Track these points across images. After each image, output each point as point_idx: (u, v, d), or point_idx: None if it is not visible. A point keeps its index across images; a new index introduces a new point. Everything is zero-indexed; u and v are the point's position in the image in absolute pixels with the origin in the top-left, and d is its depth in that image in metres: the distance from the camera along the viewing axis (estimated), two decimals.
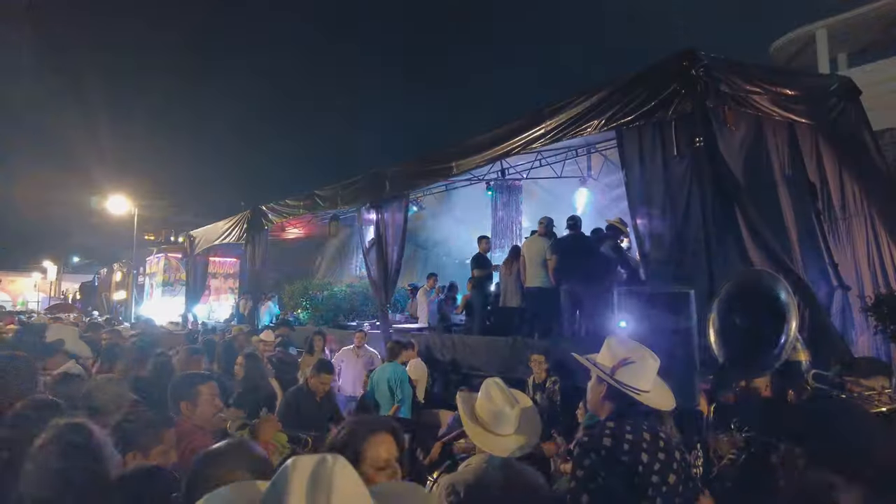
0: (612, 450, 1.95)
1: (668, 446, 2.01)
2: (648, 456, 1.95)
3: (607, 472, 1.93)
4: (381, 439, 1.73)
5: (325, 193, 10.60)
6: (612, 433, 2.01)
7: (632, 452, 1.95)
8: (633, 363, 2.12)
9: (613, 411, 2.12)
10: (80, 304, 31.84)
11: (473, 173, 9.30)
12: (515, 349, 6.77)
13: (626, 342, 2.26)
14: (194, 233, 16.15)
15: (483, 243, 9.14)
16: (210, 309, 18.08)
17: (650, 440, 1.99)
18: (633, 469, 1.93)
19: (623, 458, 1.93)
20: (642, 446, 1.97)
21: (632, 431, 2.00)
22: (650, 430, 2.04)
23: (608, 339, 2.23)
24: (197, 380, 3.06)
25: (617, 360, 2.16)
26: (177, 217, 39.15)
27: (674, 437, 2.14)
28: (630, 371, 2.11)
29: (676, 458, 2.01)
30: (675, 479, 1.97)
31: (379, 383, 6.23)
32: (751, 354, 2.74)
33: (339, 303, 12.28)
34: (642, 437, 1.99)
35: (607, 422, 2.08)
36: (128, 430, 2.05)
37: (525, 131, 6.65)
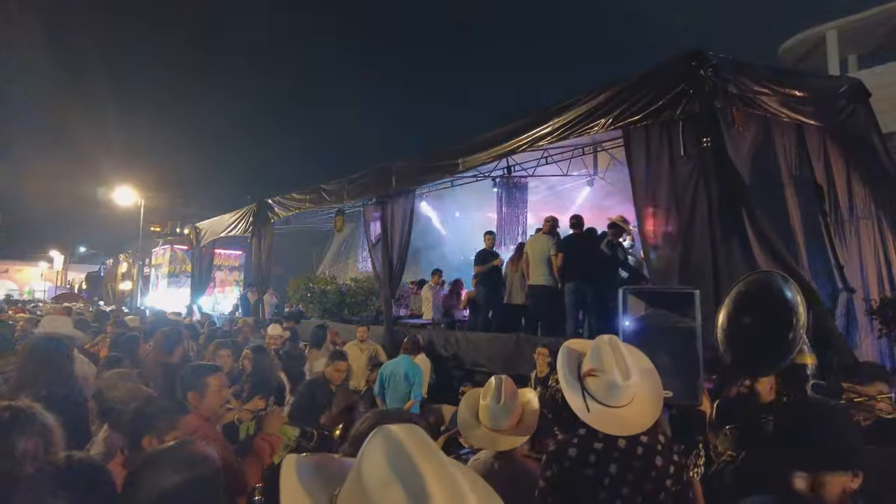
0: (577, 461, 1.92)
1: (646, 453, 1.95)
2: (619, 467, 1.90)
3: (568, 485, 1.89)
4: None
5: (331, 188, 10.64)
6: (578, 443, 1.97)
7: (598, 465, 1.90)
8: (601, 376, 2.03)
9: None
10: (87, 294, 32.02)
11: (479, 170, 9.30)
12: (519, 346, 6.80)
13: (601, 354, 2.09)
14: (200, 225, 16.23)
15: (487, 239, 9.15)
16: (215, 301, 18.20)
17: (624, 448, 1.93)
18: (599, 481, 1.88)
19: (587, 472, 1.89)
20: (613, 455, 1.92)
21: (604, 439, 1.95)
22: (629, 437, 1.97)
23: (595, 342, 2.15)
24: (205, 371, 3.09)
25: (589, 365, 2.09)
26: (183, 209, 39.27)
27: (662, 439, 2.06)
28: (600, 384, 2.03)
29: (657, 466, 1.95)
30: (653, 489, 1.92)
31: (393, 377, 6.20)
32: (757, 353, 2.75)
33: (343, 297, 12.33)
34: (616, 445, 1.94)
35: (579, 428, 2.03)
36: (145, 414, 2.08)
37: (532, 129, 6.65)
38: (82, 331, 6.02)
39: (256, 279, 13.26)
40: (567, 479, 1.90)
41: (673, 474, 1.99)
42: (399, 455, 0.92)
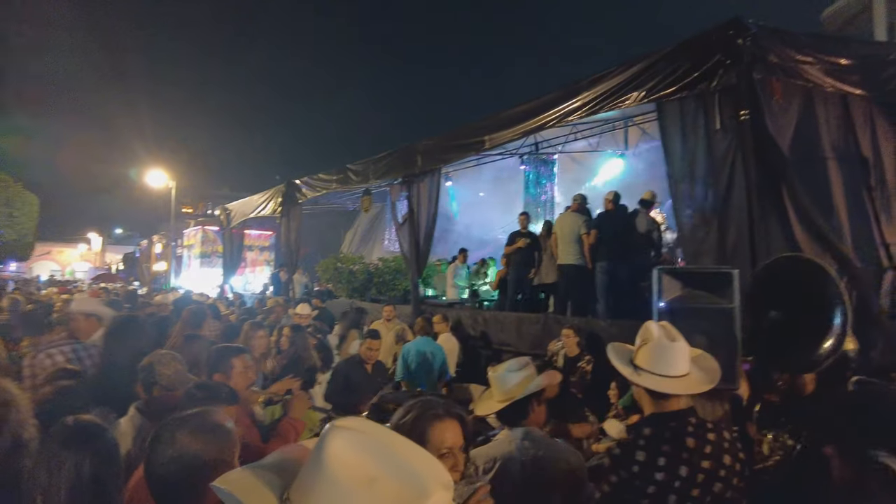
0: (646, 466, 1.80)
1: (716, 451, 1.84)
2: (689, 468, 1.79)
3: (636, 492, 1.78)
4: (448, 425, 1.66)
5: (357, 168, 10.62)
6: (646, 445, 1.85)
7: (668, 468, 1.79)
8: (648, 344, 1.99)
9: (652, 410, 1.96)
10: (124, 275, 32.99)
11: (506, 147, 9.16)
12: (547, 326, 6.73)
13: (652, 325, 2.10)
14: (230, 206, 16.46)
15: (521, 219, 9.02)
16: (246, 280, 18.52)
17: (694, 447, 1.82)
18: (669, 486, 1.77)
19: (658, 476, 1.78)
20: (682, 457, 1.80)
21: (671, 439, 1.83)
22: (696, 432, 1.86)
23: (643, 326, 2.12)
24: (231, 353, 3.11)
25: (637, 342, 2.04)
26: (213, 190, 39.93)
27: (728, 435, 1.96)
28: (649, 353, 1.97)
29: (725, 465, 1.84)
30: (722, 488, 1.82)
31: (418, 356, 6.19)
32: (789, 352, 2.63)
33: (371, 276, 12.41)
34: (684, 444, 1.82)
35: (643, 427, 1.92)
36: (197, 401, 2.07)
37: (561, 103, 6.47)
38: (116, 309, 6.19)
39: (286, 259, 13.43)
40: (636, 485, 1.79)
41: (740, 472, 1.91)
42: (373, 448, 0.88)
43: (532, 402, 2.39)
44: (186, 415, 1.68)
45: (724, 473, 1.84)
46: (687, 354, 2.04)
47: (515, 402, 2.36)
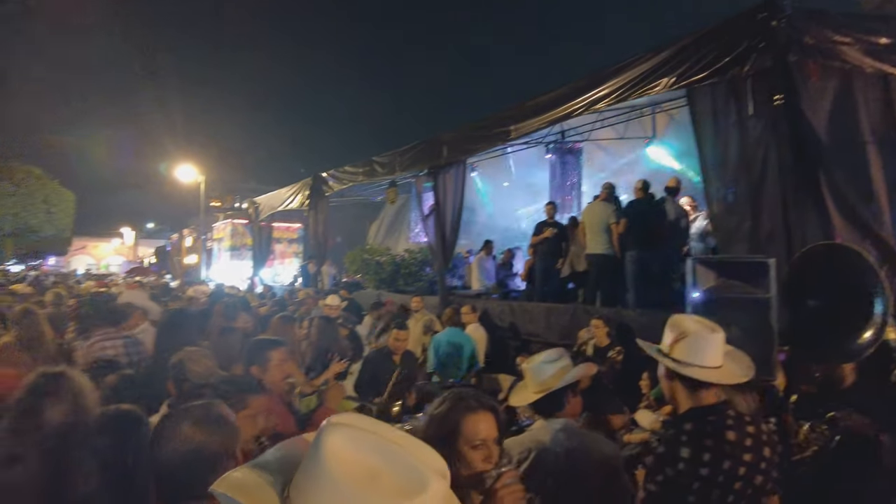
0: (691, 463, 1.79)
1: (755, 443, 1.84)
2: (731, 462, 1.78)
3: (683, 488, 1.78)
4: (482, 417, 1.67)
5: (383, 160, 10.67)
6: (689, 441, 1.83)
7: (713, 463, 1.78)
8: (686, 338, 1.96)
9: (689, 404, 1.95)
10: (156, 268, 33.78)
11: (532, 136, 9.09)
12: (576, 316, 6.70)
13: (684, 319, 2.10)
14: (259, 199, 16.72)
15: (548, 209, 8.97)
16: (275, 272, 18.82)
17: (735, 440, 1.82)
18: (714, 480, 1.77)
19: (702, 471, 1.77)
20: (724, 451, 1.80)
21: (713, 433, 1.83)
22: (735, 425, 1.85)
23: (670, 320, 2.10)
24: (268, 345, 3.17)
25: (671, 338, 2.02)
26: (241, 183, 40.51)
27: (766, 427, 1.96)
28: (686, 346, 1.95)
29: (765, 457, 1.84)
30: (763, 480, 1.82)
31: (448, 346, 6.25)
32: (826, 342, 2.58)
33: (398, 268, 12.49)
34: (725, 438, 1.82)
35: (684, 423, 1.91)
36: (221, 393, 2.13)
37: (588, 91, 6.40)
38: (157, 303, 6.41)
39: (314, 251, 13.60)
40: (683, 482, 1.79)
41: (779, 464, 1.91)
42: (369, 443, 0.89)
43: (567, 393, 2.39)
44: (190, 406, 1.73)
45: (765, 465, 1.84)
46: (722, 346, 2.03)
47: (551, 393, 2.36)
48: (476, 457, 1.61)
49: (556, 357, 2.49)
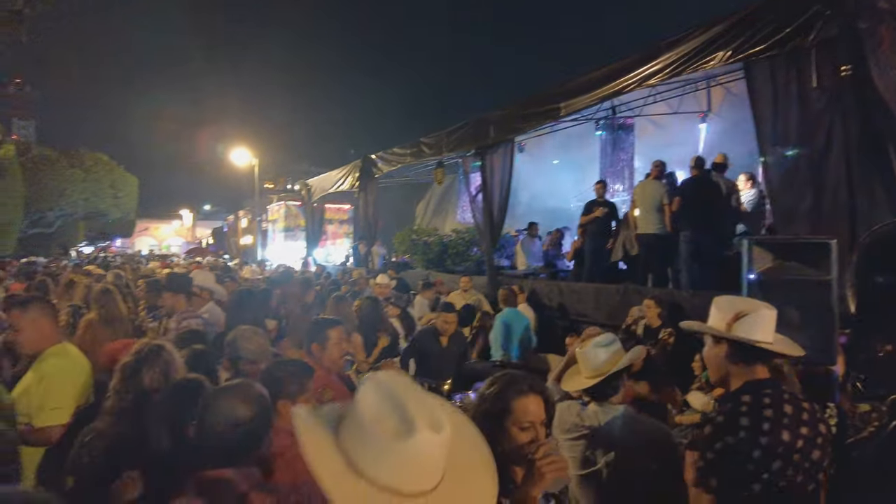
0: (751, 430, 1.79)
1: (811, 419, 1.84)
2: (790, 433, 1.78)
3: (743, 458, 1.78)
4: (531, 400, 1.73)
5: (430, 141, 10.71)
6: (749, 410, 1.83)
7: (772, 432, 1.78)
8: (747, 315, 1.94)
9: (744, 379, 1.94)
10: (213, 248, 35.19)
11: (581, 113, 8.92)
12: (626, 297, 6.63)
13: (734, 299, 2.09)
14: (311, 181, 17.13)
15: (598, 187, 8.81)
16: (327, 253, 19.30)
17: (792, 413, 1.81)
18: (774, 451, 1.77)
19: (762, 440, 1.77)
20: (783, 422, 1.79)
21: (771, 405, 1.82)
22: (792, 400, 1.85)
23: (715, 300, 2.09)
24: (327, 324, 3.31)
25: (729, 316, 1.99)
26: (293, 165, 41.46)
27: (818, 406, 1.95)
28: (747, 324, 1.93)
29: (821, 433, 1.85)
30: (820, 455, 1.81)
31: (503, 326, 6.34)
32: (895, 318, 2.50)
33: (445, 248, 12.60)
34: (783, 410, 1.82)
35: (742, 395, 1.90)
36: (276, 378, 2.24)
37: (640, 66, 6.23)
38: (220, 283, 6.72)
39: (365, 232, 13.87)
40: (743, 450, 1.80)
41: (832, 443, 1.91)
42: (388, 395, 1.12)
43: (622, 377, 2.41)
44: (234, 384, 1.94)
45: (821, 441, 1.84)
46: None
47: (606, 378, 2.38)
48: (523, 437, 1.68)
49: (608, 341, 2.50)
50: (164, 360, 2.40)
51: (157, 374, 2.35)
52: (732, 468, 1.80)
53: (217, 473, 1.67)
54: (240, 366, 2.91)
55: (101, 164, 30.21)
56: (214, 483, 1.64)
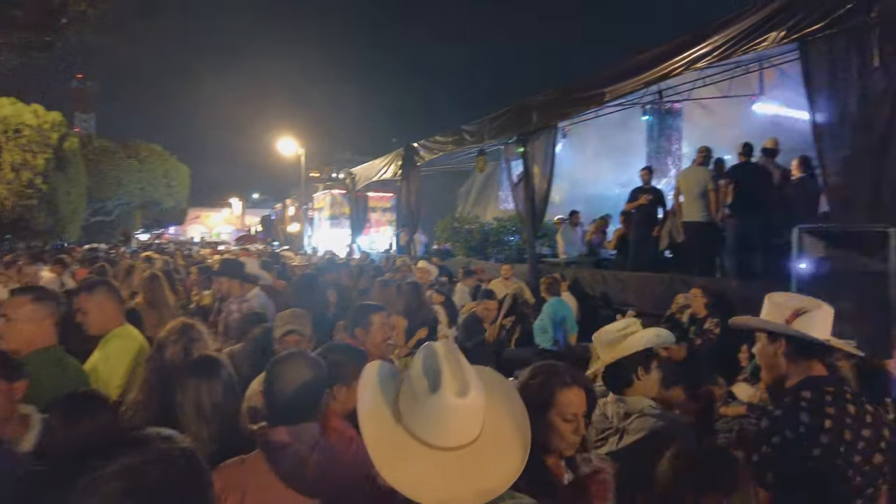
0: (811, 427, 1.73)
1: (875, 421, 1.76)
2: (852, 434, 1.71)
3: (802, 455, 1.72)
4: (575, 392, 1.75)
5: (471, 129, 10.69)
6: (810, 406, 1.76)
7: (833, 430, 1.71)
8: (807, 312, 1.86)
9: (802, 376, 1.86)
10: (262, 235, 36.19)
11: (627, 98, 8.72)
12: (672, 286, 6.50)
13: (791, 296, 2.02)
14: (355, 170, 17.37)
15: (643, 174, 8.61)
16: (371, 240, 19.59)
17: (855, 414, 1.74)
18: (834, 450, 1.70)
19: (822, 439, 1.71)
20: (845, 422, 1.72)
21: (833, 403, 1.75)
22: (855, 399, 1.77)
23: (769, 296, 2.02)
24: (371, 309, 3.40)
25: (787, 313, 1.91)
26: (338, 154, 42.10)
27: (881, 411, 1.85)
28: (806, 321, 1.86)
29: (884, 437, 1.76)
30: (881, 460, 1.73)
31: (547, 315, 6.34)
32: None
33: (487, 235, 12.59)
34: (846, 410, 1.74)
35: (801, 390, 1.82)
36: (333, 363, 2.25)
37: (688, 49, 6.05)
38: (266, 270, 6.95)
39: (407, 220, 13.98)
40: (802, 446, 1.74)
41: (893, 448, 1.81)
42: (431, 360, 1.28)
43: (637, 370, 2.26)
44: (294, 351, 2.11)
45: (884, 446, 1.76)
46: None
47: (616, 367, 2.27)
48: (566, 428, 1.71)
49: (620, 327, 2.36)
50: (188, 338, 2.55)
51: (178, 350, 2.49)
52: (789, 464, 1.75)
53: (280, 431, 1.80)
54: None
55: (154, 155, 31.42)
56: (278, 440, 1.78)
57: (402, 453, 1.24)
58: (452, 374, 1.24)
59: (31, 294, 2.67)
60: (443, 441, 1.23)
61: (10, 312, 2.56)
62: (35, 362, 2.41)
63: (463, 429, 1.24)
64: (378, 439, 1.26)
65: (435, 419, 1.23)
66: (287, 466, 1.75)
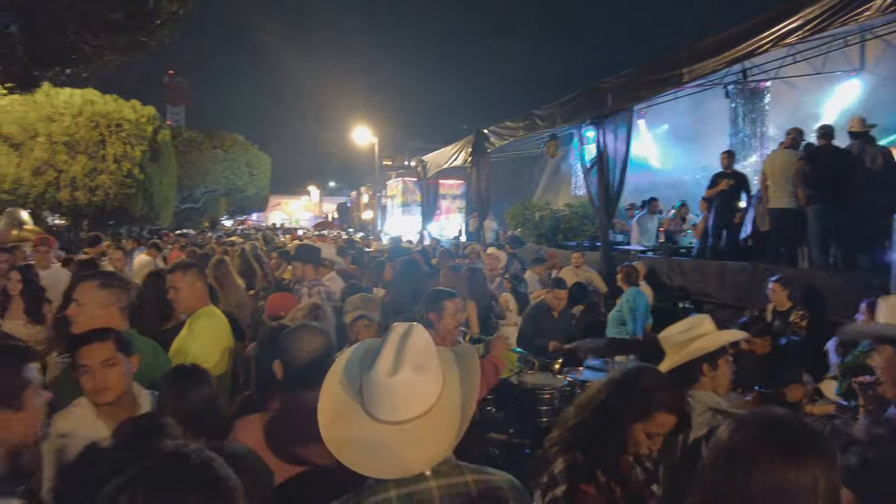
0: None
1: None
2: None
3: None
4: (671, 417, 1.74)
5: (543, 113, 10.54)
6: None
7: None
8: None
9: None
10: (338, 222, 37.39)
11: (707, 77, 8.29)
12: (756, 276, 6.17)
13: None
14: (426, 158, 17.58)
15: (724, 158, 8.11)
16: (441, 227, 19.80)
17: None
18: None
19: None
20: None
21: None
22: None
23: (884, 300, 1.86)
24: (444, 295, 3.47)
25: None
26: (409, 142, 42.66)
27: None
28: None
29: None
30: None
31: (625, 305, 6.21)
32: None
33: (558, 222, 12.39)
34: None
35: None
36: None
37: (776, 24, 5.69)
38: (342, 256, 7.22)
39: (477, 206, 14.02)
40: None
41: None
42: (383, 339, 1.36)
43: (702, 366, 2.21)
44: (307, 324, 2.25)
45: None
46: None
47: (682, 366, 2.22)
48: (645, 441, 1.71)
49: (688, 327, 2.31)
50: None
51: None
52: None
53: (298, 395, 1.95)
54: None
55: (238, 145, 33.04)
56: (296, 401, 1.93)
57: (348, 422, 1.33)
58: (389, 354, 1.30)
59: (99, 280, 2.75)
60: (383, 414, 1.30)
61: (80, 298, 2.64)
62: None
63: (398, 403, 1.29)
64: (326, 409, 1.37)
65: (371, 394, 1.31)
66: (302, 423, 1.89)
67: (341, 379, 1.42)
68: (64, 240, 14.83)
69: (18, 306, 4.63)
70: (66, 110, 18.21)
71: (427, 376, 1.32)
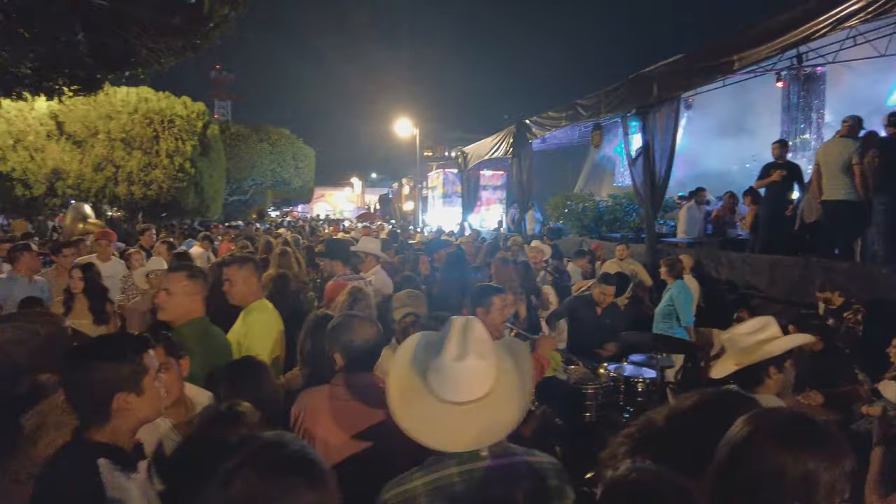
0: None
1: None
2: None
3: None
4: None
5: (587, 103, 10.36)
6: None
7: None
8: None
9: None
10: (380, 213, 37.86)
11: (760, 64, 7.99)
12: (809, 271, 5.97)
13: None
14: (467, 149, 17.56)
15: (775, 148, 7.81)
16: (482, 218, 19.79)
17: None
18: None
19: None
20: None
21: None
22: None
23: None
24: (492, 291, 3.50)
25: None
26: (449, 133, 42.65)
27: None
28: None
29: None
30: None
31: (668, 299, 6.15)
32: None
33: (601, 214, 12.22)
34: None
35: None
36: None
37: (836, 6, 5.43)
38: (384, 249, 7.32)
39: (519, 198, 13.94)
40: None
41: None
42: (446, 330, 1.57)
43: (768, 368, 2.20)
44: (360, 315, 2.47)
45: None
46: None
47: (749, 367, 2.22)
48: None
49: (757, 328, 2.30)
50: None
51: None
52: None
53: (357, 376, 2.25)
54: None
55: (284, 138, 33.75)
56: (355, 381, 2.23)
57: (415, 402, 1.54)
58: (456, 342, 1.51)
59: (186, 270, 2.94)
60: (449, 396, 1.49)
61: (170, 287, 2.81)
62: (186, 332, 2.73)
63: (462, 386, 1.50)
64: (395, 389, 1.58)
65: (438, 377, 1.52)
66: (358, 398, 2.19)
67: (407, 364, 1.63)
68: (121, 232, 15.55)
69: (83, 305, 4.69)
70: (122, 108, 19.02)
71: (487, 363, 1.53)
